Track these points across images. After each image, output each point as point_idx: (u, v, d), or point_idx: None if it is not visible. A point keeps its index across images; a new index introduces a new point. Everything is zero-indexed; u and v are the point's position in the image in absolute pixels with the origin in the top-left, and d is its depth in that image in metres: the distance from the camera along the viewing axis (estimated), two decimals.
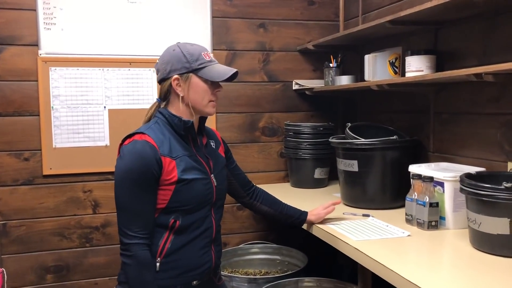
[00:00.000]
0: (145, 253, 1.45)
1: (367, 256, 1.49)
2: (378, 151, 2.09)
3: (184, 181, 1.49)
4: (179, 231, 1.52)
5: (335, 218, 1.94)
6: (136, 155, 1.45)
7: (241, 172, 1.83)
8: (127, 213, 1.46)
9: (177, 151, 1.51)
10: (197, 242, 1.55)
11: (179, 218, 1.51)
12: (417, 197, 1.78)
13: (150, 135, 1.48)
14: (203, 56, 1.54)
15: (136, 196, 1.45)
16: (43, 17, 2.46)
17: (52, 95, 2.49)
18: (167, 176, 1.47)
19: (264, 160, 2.88)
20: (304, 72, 2.91)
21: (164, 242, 1.51)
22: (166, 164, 1.47)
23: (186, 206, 1.51)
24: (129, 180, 1.45)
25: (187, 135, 1.57)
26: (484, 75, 1.55)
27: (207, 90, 1.54)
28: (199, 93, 1.53)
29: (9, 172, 2.47)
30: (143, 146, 1.46)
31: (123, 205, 1.47)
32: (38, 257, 2.54)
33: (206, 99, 1.55)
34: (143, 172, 1.44)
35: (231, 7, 2.76)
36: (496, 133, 1.82)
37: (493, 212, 1.42)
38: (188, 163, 1.52)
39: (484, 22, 1.86)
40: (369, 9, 2.63)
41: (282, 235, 2.86)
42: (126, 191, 1.46)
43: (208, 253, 1.58)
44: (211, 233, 1.59)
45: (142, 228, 1.45)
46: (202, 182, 1.54)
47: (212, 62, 1.55)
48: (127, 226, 1.45)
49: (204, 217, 1.56)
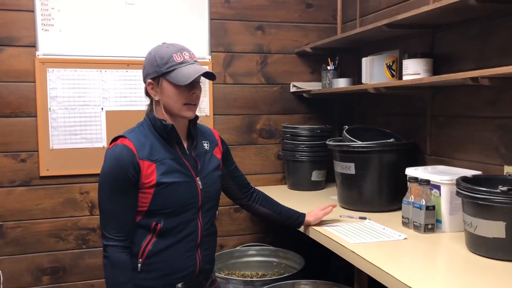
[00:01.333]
0: (119, 255, 1.48)
1: (364, 259, 1.49)
2: (375, 153, 2.09)
3: (163, 184, 1.50)
4: (161, 234, 1.52)
5: (332, 220, 1.94)
6: (113, 159, 1.48)
7: (240, 174, 1.82)
8: (105, 215, 1.50)
9: (158, 154, 1.52)
10: (180, 246, 1.54)
11: (161, 221, 1.51)
12: (414, 200, 1.78)
13: (131, 138, 1.50)
14: (174, 58, 1.50)
15: (112, 199, 1.48)
16: (41, 18, 2.46)
17: (50, 96, 2.49)
18: (146, 180, 1.49)
19: (262, 162, 2.88)
20: (301, 74, 2.92)
21: (146, 244, 1.52)
22: (144, 168, 1.48)
23: (167, 209, 1.51)
24: (106, 183, 1.49)
25: (170, 138, 1.56)
26: (480, 78, 1.55)
27: (179, 94, 1.50)
28: (171, 97, 1.51)
29: (6, 173, 2.47)
30: (121, 150, 1.48)
31: (101, 207, 1.51)
32: (35, 259, 2.53)
33: (180, 102, 1.52)
34: (119, 175, 1.47)
35: (229, 9, 2.76)
36: (492, 136, 1.83)
37: (489, 216, 1.43)
38: (170, 166, 1.52)
39: (480, 25, 1.87)
40: (367, 12, 2.64)
41: (279, 237, 2.86)
42: (103, 194, 1.50)
43: (192, 257, 1.57)
44: (196, 237, 1.57)
45: (118, 230, 1.48)
46: (185, 185, 1.54)
47: (183, 64, 1.50)
48: (104, 228, 1.50)
49: (188, 220, 1.55)
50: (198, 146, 1.64)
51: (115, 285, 1.49)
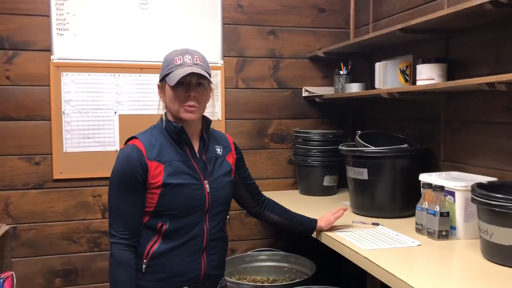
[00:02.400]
0: (122, 252, 1.50)
1: (376, 265, 1.48)
2: (388, 159, 2.07)
3: (169, 185, 1.51)
4: (167, 236, 1.53)
5: (344, 226, 1.93)
6: (123, 158, 1.53)
7: (252, 182, 1.81)
8: (113, 213, 1.53)
9: (167, 155, 1.54)
10: (184, 249, 1.54)
11: (167, 222, 1.53)
12: (428, 206, 1.76)
13: (141, 139, 1.54)
14: (174, 61, 1.53)
15: (120, 198, 1.51)
16: (56, 23, 2.49)
17: (64, 100, 2.52)
18: (153, 180, 1.51)
19: (273, 167, 2.88)
20: (314, 79, 2.91)
21: (152, 245, 1.53)
22: (152, 168, 1.50)
23: (172, 211, 1.52)
24: (115, 182, 1.53)
25: (180, 140, 1.57)
26: (496, 84, 1.54)
27: (175, 95, 1.53)
28: (170, 99, 1.56)
29: (20, 175, 2.50)
30: (130, 150, 1.52)
31: (109, 205, 1.55)
32: (47, 261, 2.55)
33: (177, 104, 1.54)
34: (126, 174, 1.50)
35: (242, 14, 2.77)
36: (508, 142, 1.80)
37: (505, 223, 1.40)
38: (178, 168, 1.53)
39: (496, 30, 1.85)
40: (380, 17, 2.63)
41: (290, 242, 2.85)
42: (112, 192, 1.53)
43: (197, 261, 1.56)
44: (201, 241, 1.56)
45: (123, 229, 1.50)
46: (192, 187, 1.54)
47: (180, 66, 1.51)
48: (111, 226, 1.53)
49: (194, 223, 1.55)
50: (209, 150, 1.64)
51: (116, 282, 1.50)
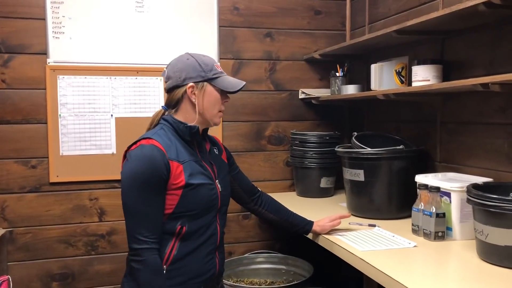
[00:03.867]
0: (155, 257, 1.46)
1: (373, 267, 1.48)
2: (384, 160, 2.08)
3: (191, 185, 1.51)
4: (185, 238, 1.52)
5: (341, 228, 1.93)
6: (144, 158, 1.45)
7: (244, 178, 1.85)
8: (137, 217, 1.45)
9: (183, 156, 1.53)
10: (202, 249, 1.56)
11: (186, 224, 1.52)
12: (424, 208, 1.76)
13: (157, 139, 1.50)
14: (216, 67, 1.60)
15: (146, 200, 1.44)
16: (52, 26, 2.49)
17: (60, 103, 2.51)
18: (175, 180, 1.48)
19: (270, 169, 2.88)
20: (310, 81, 2.91)
21: (171, 249, 1.51)
22: (173, 168, 1.49)
23: (192, 211, 1.52)
24: (137, 184, 1.44)
25: (193, 141, 1.58)
26: (491, 85, 1.54)
27: (219, 100, 1.59)
28: (212, 102, 1.57)
29: (16, 179, 2.49)
30: (151, 149, 1.47)
31: (132, 209, 1.46)
32: (44, 265, 2.54)
33: (217, 108, 1.60)
34: (151, 175, 1.44)
35: (238, 17, 2.77)
36: (503, 143, 1.81)
37: (501, 223, 1.41)
38: (195, 168, 1.54)
39: (491, 32, 1.85)
40: (376, 19, 2.64)
41: (288, 244, 2.85)
42: (135, 195, 1.45)
43: (212, 260, 1.59)
44: (216, 240, 1.60)
45: (152, 233, 1.45)
46: (208, 187, 1.56)
47: (223, 74, 1.62)
48: (137, 231, 1.44)
49: (209, 223, 1.57)
50: (211, 151, 1.69)
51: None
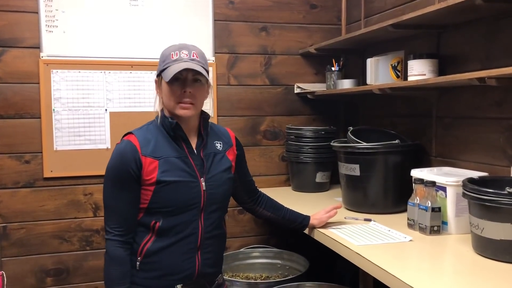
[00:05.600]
0: (116, 249, 1.49)
1: (369, 261, 1.48)
2: (380, 155, 2.07)
3: (163, 182, 1.49)
4: (161, 233, 1.52)
5: (336, 222, 1.93)
6: (117, 154, 1.51)
7: (250, 179, 1.80)
8: (106, 209, 1.53)
9: (163, 151, 1.52)
10: (178, 246, 1.53)
11: (160, 219, 1.51)
12: (419, 202, 1.76)
13: (137, 135, 1.53)
14: (170, 56, 1.50)
15: (114, 194, 1.50)
16: (45, 20, 2.47)
17: (54, 98, 2.49)
18: (147, 176, 1.49)
19: (266, 164, 2.87)
20: (306, 75, 2.90)
21: (145, 242, 1.52)
22: (146, 164, 1.48)
23: (166, 208, 1.51)
24: (109, 178, 1.52)
25: (177, 136, 1.55)
26: (487, 79, 1.54)
27: (171, 91, 1.51)
28: (166, 95, 1.53)
29: (10, 174, 2.47)
30: (125, 146, 1.51)
31: (104, 201, 1.54)
32: (38, 260, 2.53)
33: (173, 100, 1.51)
34: (120, 170, 1.49)
35: (233, 11, 2.76)
36: (499, 137, 1.81)
37: (496, 217, 1.41)
38: (173, 165, 1.51)
39: (486, 26, 1.85)
40: (371, 13, 2.63)
41: (284, 239, 2.85)
42: (106, 189, 1.53)
43: (191, 260, 1.54)
44: (196, 239, 1.54)
45: (118, 225, 1.50)
46: (187, 185, 1.52)
47: (176, 61, 1.49)
48: (106, 222, 1.52)
49: (188, 221, 1.53)
50: (208, 146, 1.61)
51: (110, 279, 1.49)
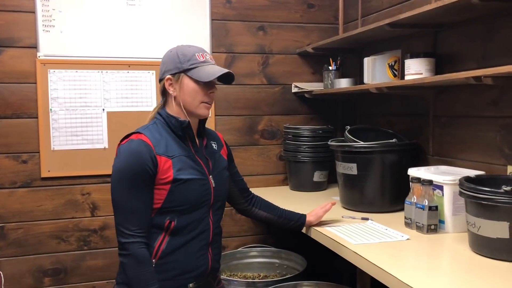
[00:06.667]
0: (142, 251, 1.45)
1: (366, 260, 1.48)
2: (377, 154, 2.08)
3: (180, 181, 1.49)
4: (175, 232, 1.51)
5: (334, 221, 1.93)
6: (131, 153, 1.46)
7: (241, 179, 1.83)
8: (124, 212, 1.46)
9: (174, 150, 1.52)
10: (193, 244, 1.54)
11: (175, 219, 1.51)
12: (416, 201, 1.77)
13: (146, 134, 1.50)
14: (197, 57, 1.54)
15: (132, 195, 1.45)
16: (42, 19, 2.46)
17: (51, 98, 2.49)
18: (163, 175, 1.48)
19: (263, 163, 2.87)
20: (303, 75, 2.91)
21: (160, 243, 1.51)
22: (161, 163, 1.48)
23: (181, 207, 1.51)
24: (124, 179, 1.46)
25: (185, 136, 1.57)
26: (483, 78, 1.54)
27: (198, 91, 1.53)
28: (190, 94, 1.53)
29: (7, 174, 2.47)
30: (138, 144, 1.47)
31: (119, 204, 1.47)
32: (36, 260, 2.53)
33: (197, 100, 1.54)
34: (138, 170, 1.45)
35: (231, 10, 2.76)
36: (495, 136, 1.81)
37: (493, 216, 1.41)
38: (185, 163, 1.52)
39: (483, 25, 1.85)
40: (368, 12, 2.63)
41: (281, 238, 2.85)
42: (122, 190, 1.46)
43: (204, 256, 1.57)
44: (208, 236, 1.58)
45: (139, 227, 1.46)
46: (199, 182, 1.54)
47: (205, 63, 1.54)
48: (123, 225, 1.45)
49: (200, 218, 1.55)
50: (208, 145, 1.66)
51: (144, 282, 1.44)
